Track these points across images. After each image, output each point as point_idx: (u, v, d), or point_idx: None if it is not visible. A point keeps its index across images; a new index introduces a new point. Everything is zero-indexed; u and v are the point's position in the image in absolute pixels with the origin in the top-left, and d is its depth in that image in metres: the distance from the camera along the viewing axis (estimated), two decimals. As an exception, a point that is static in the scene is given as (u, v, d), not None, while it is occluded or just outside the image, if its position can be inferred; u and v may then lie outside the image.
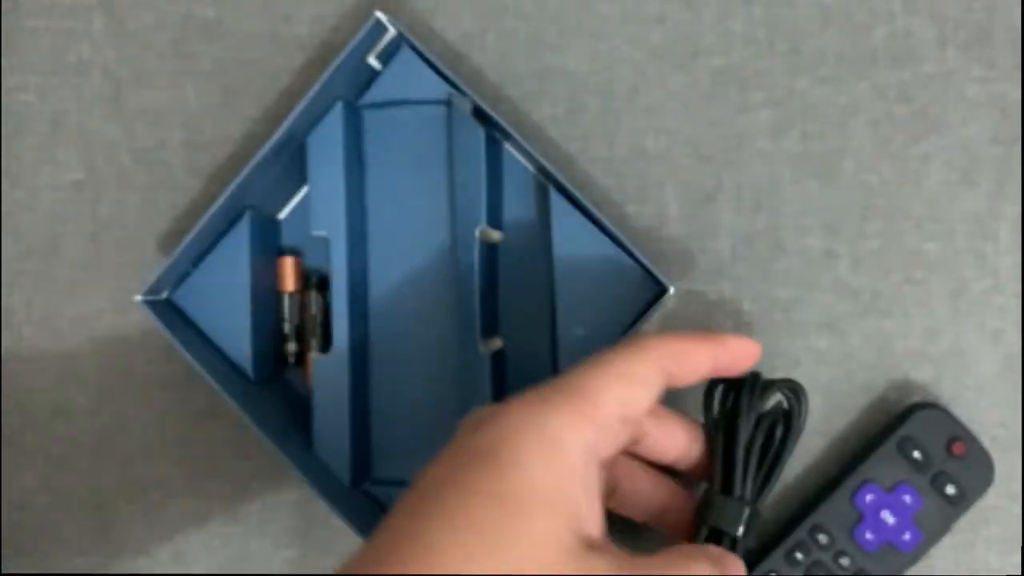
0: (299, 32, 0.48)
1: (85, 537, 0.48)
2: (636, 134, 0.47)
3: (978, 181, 0.46)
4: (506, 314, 0.46)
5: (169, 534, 0.48)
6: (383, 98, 0.47)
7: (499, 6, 0.48)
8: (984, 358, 0.45)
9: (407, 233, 0.46)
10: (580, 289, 0.45)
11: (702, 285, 0.46)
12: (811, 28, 0.46)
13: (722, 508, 0.38)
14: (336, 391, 0.44)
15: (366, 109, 0.47)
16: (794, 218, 0.46)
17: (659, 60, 0.47)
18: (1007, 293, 0.45)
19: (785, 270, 0.46)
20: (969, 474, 0.43)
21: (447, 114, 0.46)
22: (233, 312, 0.45)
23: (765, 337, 0.46)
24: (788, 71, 0.47)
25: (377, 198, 0.47)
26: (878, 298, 0.46)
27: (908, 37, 0.46)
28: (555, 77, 0.47)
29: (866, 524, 0.43)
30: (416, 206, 0.46)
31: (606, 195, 0.47)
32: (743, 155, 0.47)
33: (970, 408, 0.45)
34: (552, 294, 0.45)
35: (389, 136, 0.46)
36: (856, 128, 0.46)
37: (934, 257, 0.46)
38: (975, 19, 0.46)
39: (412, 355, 0.46)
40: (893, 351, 0.46)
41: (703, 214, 0.47)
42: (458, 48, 0.48)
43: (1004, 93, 0.46)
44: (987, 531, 0.45)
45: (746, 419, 0.39)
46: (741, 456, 0.39)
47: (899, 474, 0.43)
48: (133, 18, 0.49)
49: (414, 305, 0.46)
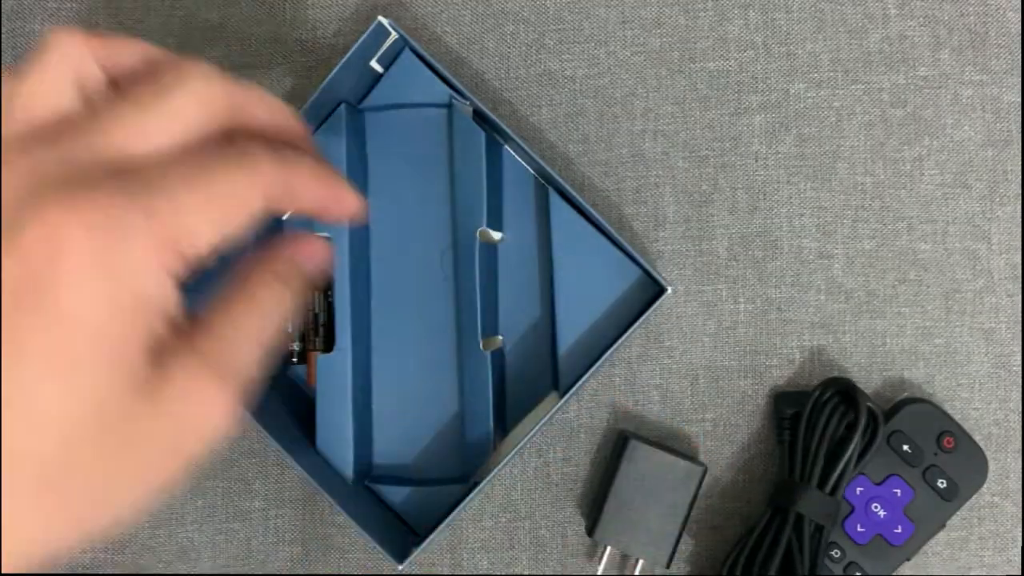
0: (302, 36, 0.49)
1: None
2: (634, 137, 0.48)
3: (971, 183, 0.46)
4: (506, 314, 0.47)
5: (173, 531, 0.48)
6: (385, 101, 0.47)
7: (499, 11, 0.48)
8: (977, 357, 0.46)
9: (408, 234, 0.47)
10: (579, 289, 0.45)
11: (699, 285, 0.47)
12: (806, 32, 0.47)
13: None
14: (338, 389, 0.45)
15: (368, 111, 0.47)
16: (789, 219, 0.47)
17: (657, 64, 0.48)
18: (1000, 293, 0.46)
19: (780, 270, 0.47)
20: (960, 468, 0.43)
21: (448, 117, 0.46)
22: None
23: (761, 336, 0.47)
24: (783, 75, 0.47)
25: (379, 199, 0.47)
26: (872, 298, 0.46)
27: (902, 40, 0.47)
28: (554, 81, 0.48)
29: (857, 516, 0.43)
30: (417, 207, 0.47)
31: (605, 196, 0.47)
32: (739, 157, 0.47)
33: (964, 407, 0.46)
34: (552, 294, 0.46)
35: (390, 138, 0.47)
36: (850, 131, 0.47)
37: (927, 258, 0.46)
38: (969, 23, 0.46)
39: (413, 354, 0.47)
40: (887, 350, 0.46)
41: (700, 215, 0.47)
42: (459, 52, 0.48)
43: (997, 96, 0.46)
44: (981, 528, 0.46)
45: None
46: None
47: (889, 467, 0.43)
48: (137, 21, 0.50)
49: (415, 305, 0.47)
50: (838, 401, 0.42)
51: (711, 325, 0.47)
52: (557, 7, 0.48)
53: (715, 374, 0.47)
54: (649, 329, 0.47)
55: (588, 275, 0.45)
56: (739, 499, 0.46)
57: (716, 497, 0.47)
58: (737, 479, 0.47)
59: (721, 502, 0.46)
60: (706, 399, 0.47)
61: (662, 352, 0.47)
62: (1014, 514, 0.45)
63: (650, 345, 0.47)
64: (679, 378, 0.47)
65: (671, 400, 0.47)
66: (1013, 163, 0.46)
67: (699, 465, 0.44)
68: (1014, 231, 0.46)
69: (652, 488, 0.43)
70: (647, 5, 0.48)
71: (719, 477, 0.47)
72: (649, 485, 0.43)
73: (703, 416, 0.47)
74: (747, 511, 0.46)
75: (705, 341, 0.47)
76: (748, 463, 0.47)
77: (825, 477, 0.41)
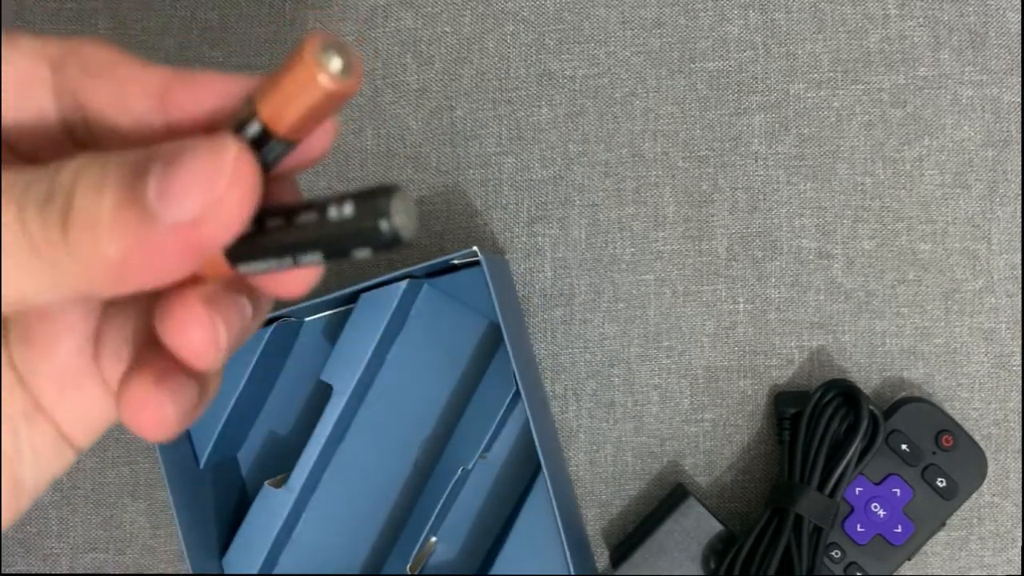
0: (302, 36, 0.49)
1: (90, 534, 0.49)
2: (634, 137, 0.48)
3: (971, 183, 0.46)
4: (454, 519, 0.46)
5: (173, 531, 0.48)
6: (443, 285, 0.46)
7: (499, 11, 0.48)
8: (977, 357, 0.46)
9: (400, 415, 0.46)
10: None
11: (698, 285, 0.47)
12: (806, 32, 0.47)
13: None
14: (266, 528, 0.44)
15: (427, 282, 0.46)
16: (788, 219, 0.47)
17: (657, 64, 0.48)
18: (1000, 293, 0.46)
19: (779, 270, 0.47)
20: (960, 466, 0.43)
21: (487, 333, 0.46)
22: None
23: (760, 336, 0.47)
24: (783, 75, 0.47)
25: (390, 371, 0.46)
26: (871, 298, 0.46)
27: (902, 40, 0.47)
28: (554, 81, 0.48)
29: (856, 516, 0.43)
30: (421, 392, 0.46)
31: (605, 196, 0.47)
32: (739, 157, 0.47)
33: (964, 407, 0.46)
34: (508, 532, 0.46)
35: (430, 320, 0.46)
36: (850, 131, 0.47)
37: (927, 258, 0.46)
38: (969, 23, 0.46)
39: (349, 520, 0.46)
40: (886, 350, 0.46)
41: (700, 215, 0.47)
42: (459, 52, 0.48)
43: (997, 96, 0.46)
44: (981, 529, 0.46)
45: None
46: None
47: (888, 467, 0.43)
48: (138, 22, 0.50)
49: (374, 477, 0.46)
50: (839, 403, 0.42)
51: (710, 325, 0.47)
52: (557, 7, 0.48)
53: (715, 374, 0.47)
54: (648, 329, 0.47)
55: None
56: (739, 499, 0.46)
57: (716, 497, 0.47)
58: (737, 479, 0.47)
59: (721, 502, 0.46)
60: (706, 399, 0.47)
61: (661, 352, 0.47)
62: (1014, 514, 0.45)
63: (649, 345, 0.47)
64: (679, 378, 0.47)
65: (671, 400, 0.47)
66: (1013, 163, 0.46)
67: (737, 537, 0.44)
68: (1014, 231, 0.46)
69: (689, 548, 0.44)
70: (647, 5, 0.48)
71: (719, 477, 0.47)
72: (688, 544, 0.44)
73: (703, 416, 0.47)
74: (747, 511, 0.46)
75: (704, 341, 0.47)
76: (748, 463, 0.47)
77: (825, 479, 0.41)
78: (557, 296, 0.48)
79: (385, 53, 0.49)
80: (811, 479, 0.41)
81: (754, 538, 0.42)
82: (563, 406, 0.47)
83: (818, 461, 0.41)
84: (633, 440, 0.47)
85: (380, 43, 0.49)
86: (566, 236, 0.48)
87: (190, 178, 0.17)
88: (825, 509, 0.41)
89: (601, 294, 0.47)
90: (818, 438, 0.42)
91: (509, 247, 0.48)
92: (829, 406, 0.42)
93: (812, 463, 0.41)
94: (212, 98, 0.20)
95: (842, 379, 0.43)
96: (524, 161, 0.48)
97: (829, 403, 0.42)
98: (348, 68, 0.17)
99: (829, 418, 0.42)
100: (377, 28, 0.49)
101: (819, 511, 0.41)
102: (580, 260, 0.48)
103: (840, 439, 0.42)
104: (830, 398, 0.42)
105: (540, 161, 0.48)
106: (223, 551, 0.45)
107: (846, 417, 0.42)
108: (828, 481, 0.41)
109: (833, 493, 0.41)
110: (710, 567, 0.43)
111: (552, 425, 0.47)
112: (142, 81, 0.21)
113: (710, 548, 0.44)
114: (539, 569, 0.45)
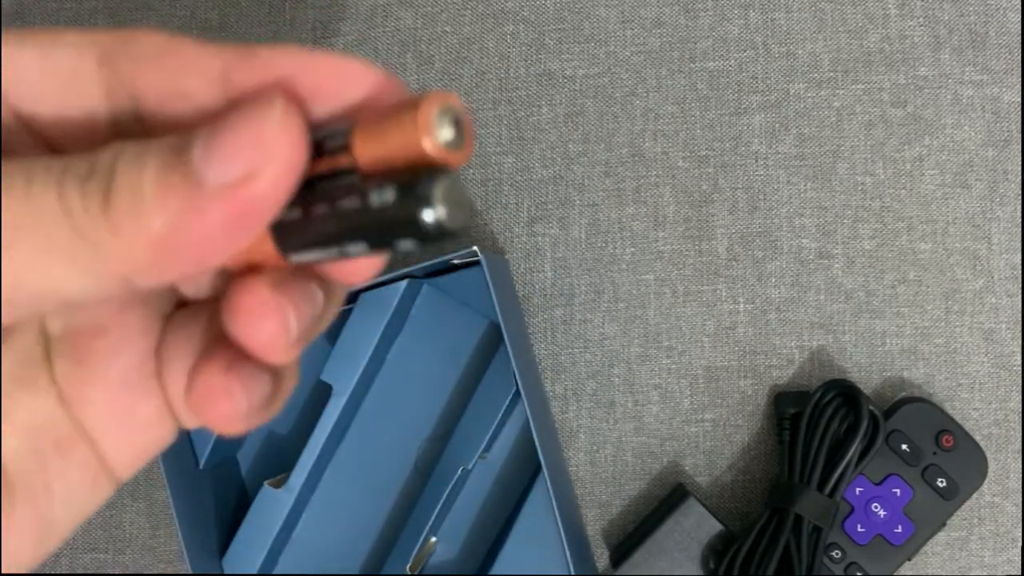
0: (302, 36, 0.49)
1: (90, 534, 0.49)
2: (634, 137, 0.48)
3: (971, 183, 0.46)
4: (454, 519, 0.46)
5: (174, 532, 0.48)
6: (443, 285, 0.46)
7: (499, 11, 0.48)
8: (977, 357, 0.46)
9: (401, 414, 0.46)
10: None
11: (698, 285, 0.47)
12: (806, 32, 0.47)
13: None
14: (266, 527, 0.44)
15: (427, 282, 0.46)
16: (789, 219, 0.47)
17: (657, 64, 0.48)
18: (1000, 293, 0.46)
19: (780, 270, 0.47)
20: (960, 466, 0.43)
21: (488, 334, 0.46)
22: None
23: (760, 336, 0.47)
24: (783, 75, 0.47)
25: (390, 371, 0.46)
26: (872, 298, 0.46)
27: (902, 40, 0.47)
28: (554, 81, 0.48)
29: (857, 516, 0.43)
30: (421, 391, 0.46)
31: (605, 196, 0.47)
32: (739, 157, 0.47)
33: (964, 407, 0.46)
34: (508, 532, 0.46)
35: (430, 320, 0.46)
36: (850, 130, 0.47)
37: (927, 258, 0.46)
38: (969, 22, 0.46)
39: (350, 516, 0.46)
40: (887, 350, 0.46)
41: (700, 215, 0.47)
42: (459, 52, 0.48)
43: (998, 96, 0.46)
44: (981, 528, 0.46)
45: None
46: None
47: (888, 467, 0.43)
48: (136, 21, 0.50)
49: (374, 474, 0.46)
50: (839, 403, 0.42)
51: (711, 325, 0.47)
52: (557, 7, 0.48)
53: (715, 374, 0.47)
54: (648, 329, 0.47)
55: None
56: (739, 499, 0.46)
57: (716, 497, 0.47)
58: (737, 479, 0.47)
59: (721, 502, 0.46)
60: (706, 399, 0.47)
61: (661, 352, 0.47)
62: (1014, 514, 0.45)
63: (649, 345, 0.47)
64: (679, 378, 0.47)
65: (671, 400, 0.47)
66: (1013, 163, 0.46)
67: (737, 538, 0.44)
68: (1014, 231, 0.46)
69: (689, 548, 0.44)
70: (647, 5, 0.48)
71: (719, 477, 0.47)
72: (688, 544, 0.44)
73: (703, 416, 0.47)
74: (747, 511, 0.46)
75: (705, 341, 0.47)
76: (748, 463, 0.47)
77: (825, 479, 0.41)
78: (557, 296, 0.48)
79: (385, 53, 0.49)
80: (811, 479, 0.41)
81: (753, 538, 0.42)
82: (563, 406, 0.47)
83: (818, 461, 0.41)
84: (633, 440, 0.47)
85: (380, 43, 0.49)
86: (566, 236, 0.48)
87: (236, 136, 0.16)
88: (825, 509, 0.41)
89: (601, 294, 0.47)
90: (818, 438, 0.42)
91: (509, 247, 0.48)
92: (829, 406, 0.42)
93: (812, 463, 0.41)
94: (275, 74, 0.19)
95: (842, 379, 0.43)
96: (524, 161, 0.48)
97: (829, 403, 0.42)
98: (459, 141, 0.16)
99: (829, 418, 0.42)
100: (377, 28, 0.49)
101: (819, 511, 0.41)
102: (580, 260, 0.48)
103: (840, 439, 0.42)
104: (830, 398, 0.42)
105: (540, 161, 0.48)
106: (223, 551, 0.45)
107: (846, 417, 0.42)
108: (828, 481, 0.41)
109: (833, 493, 0.41)
110: (710, 567, 0.43)
111: (552, 425, 0.47)
112: (201, 64, 0.19)
113: (710, 548, 0.44)
114: (539, 569, 0.45)
